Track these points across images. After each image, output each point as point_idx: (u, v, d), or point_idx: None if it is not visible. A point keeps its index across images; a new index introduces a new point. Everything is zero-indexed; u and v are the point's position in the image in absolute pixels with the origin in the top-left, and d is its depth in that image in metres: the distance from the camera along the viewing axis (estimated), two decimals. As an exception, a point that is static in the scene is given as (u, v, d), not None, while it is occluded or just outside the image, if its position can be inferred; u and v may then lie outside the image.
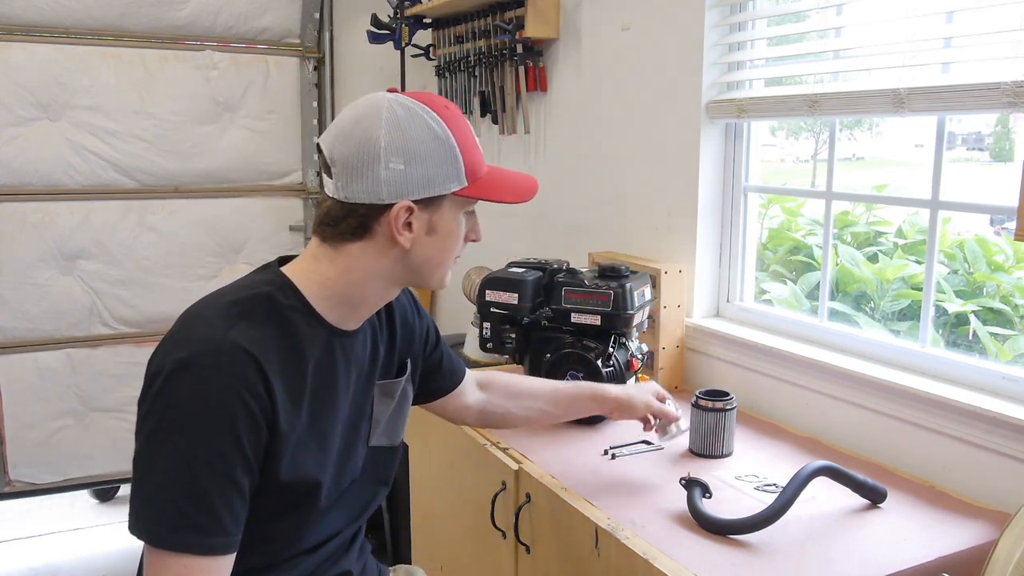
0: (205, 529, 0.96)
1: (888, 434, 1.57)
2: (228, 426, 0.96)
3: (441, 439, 1.85)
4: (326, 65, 3.38)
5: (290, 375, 1.03)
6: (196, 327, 1.01)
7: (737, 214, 1.98)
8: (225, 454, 0.96)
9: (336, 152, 1.04)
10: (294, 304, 1.06)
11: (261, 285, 1.07)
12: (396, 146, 1.03)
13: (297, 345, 1.05)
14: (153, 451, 0.97)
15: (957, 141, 2.22)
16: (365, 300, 1.11)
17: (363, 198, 1.04)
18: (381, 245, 1.07)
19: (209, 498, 0.95)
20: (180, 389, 0.96)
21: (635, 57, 2.15)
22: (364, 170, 1.03)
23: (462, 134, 1.08)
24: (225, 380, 0.96)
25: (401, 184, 1.03)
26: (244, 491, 0.99)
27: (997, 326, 2.00)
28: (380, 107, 1.04)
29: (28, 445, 3.11)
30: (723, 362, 1.93)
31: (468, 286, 2.62)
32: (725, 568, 1.18)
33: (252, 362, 0.98)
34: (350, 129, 1.04)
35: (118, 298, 3.16)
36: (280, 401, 1.01)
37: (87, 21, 2.99)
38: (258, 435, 0.99)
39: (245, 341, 0.98)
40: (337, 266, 1.08)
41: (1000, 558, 1.06)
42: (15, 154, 2.95)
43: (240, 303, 1.04)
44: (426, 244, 1.08)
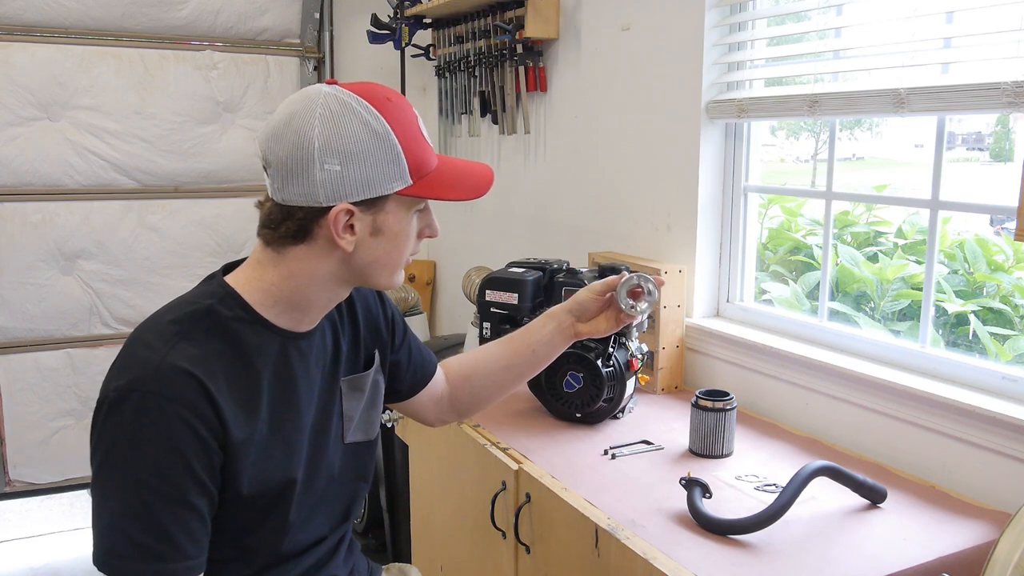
0: (165, 556, 0.94)
1: (888, 434, 1.57)
2: (175, 451, 0.93)
3: (441, 439, 1.85)
4: (326, 65, 3.38)
5: (240, 389, 1.00)
6: (136, 352, 0.98)
7: (737, 214, 1.98)
8: (175, 480, 0.94)
9: (270, 152, 0.99)
10: (239, 315, 1.03)
11: (203, 299, 1.03)
12: (331, 146, 0.96)
13: (246, 357, 1.02)
14: (103, 483, 0.95)
15: (957, 141, 2.22)
16: (312, 304, 1.07)
17: (300, 201, 0.98)
18: (323, 248, 1.01)
19: (164, 526, 0.93)
20: (124, 417, 0.93)
21: (635, 57, 2.15)
22: (299, 172, 0.97)
23: (405, 129, 1.01)
24: (168, 405, 0.93)
25: (338, 186, 0.97)
26: (202, 512, 0.97)
27: (997, 326, 2.00)
28: (315, 103, 0.98)
29: (28, 445, 3.11)
30: (723, 362, 1.93)
31: (468, 286, 2.62)
32: (725, 568, 1.18)
33: (194, 383, 0.95)
34: (283, 128, 0.98)
35: (118, 298, 3.16)
36: (230, 418, 0.98)
37: (87, 21, 3.00)
38: (209, 456, 0.96)
39: (186, 362, 0.95)
40: (280, 271, 1.03)
41: (1000, 558, 1.06)
42: (15, 154, 2.95)
43: (180, 321, 1.00)
44: (372, 246, 1.02)
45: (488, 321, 1.85)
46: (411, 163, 1.01)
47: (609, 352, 1.70)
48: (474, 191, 1.08)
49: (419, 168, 1.02)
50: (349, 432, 1.18)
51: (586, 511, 1.35)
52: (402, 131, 1.00)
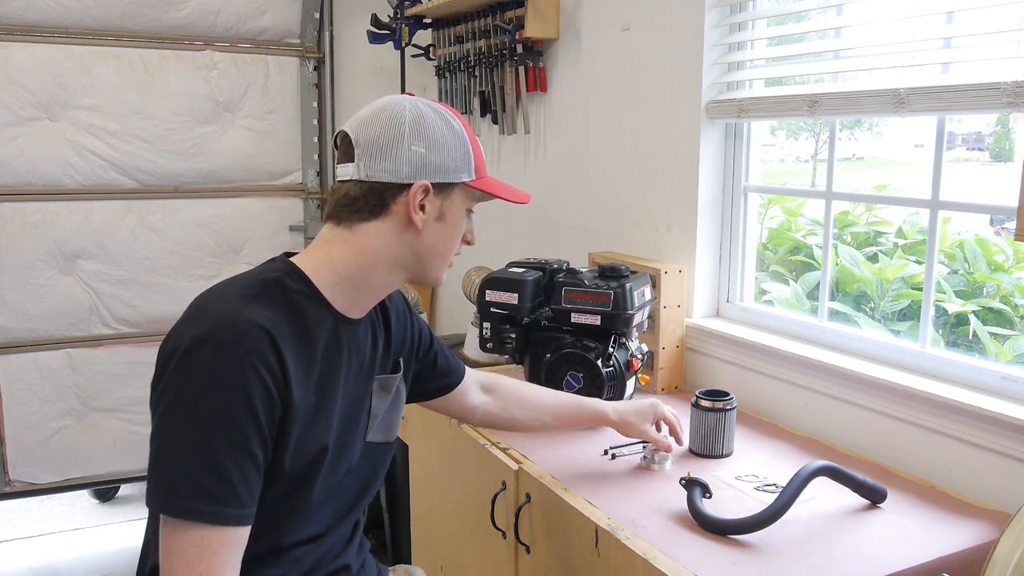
0: (222, 499, 0.97)
1: (888, 434, 1.57)
2: (244, 397, 0.98)
3: (441, 439, 1.85)
4: (326, 65, 3.38)
5: (301, 356, 1.06)
6: (212, 307, 1.04)
7: (737, 214, 1.98)
8: (241, 425, 0.98)
9: (361, 134, 1.10)
10: (302, 289, 1.10)
11: (270, 271, 1.11)
12: (419, 131, 1.10)
13: (307, 328, 1.08)
14: (170, 424, 0.99)
15: (957, 141, 2.22)
16: (371, 285, 1.15)
17: (385, 176, 1.09)
18: (395, 225, 1.11)
19: (226, 469, 0.97)
20: (198, 363, 0.98)
21: (635, 57, 2.15)
22: (389, 149, 1.09)
23: (473, 136, 1.17)
24: (241, 353, 0.99)
25: (421, 166, 1.10)
26: (259, 463, 1.01)
27: (997, 326, 2.00)
28: (404, 101, 1.13)
29: (28, 445, 3.11)
30: (723, 362, 1.93)
31: (468, 286, 2.62)
32: (725, 568, 1.18)
33: (267, 337, 1.01)
34: (375, 116, 1.11)
35: (118, 298, 3.16)
36: (293, 378, 1.03)
37: (87, 21, 2.99)
38: (272, 408, 1.01)
39: (260, 319, 1.02)
40: (350, 247, 1.12)
41: (1000, 558, 1.06)
42: (15, 154, 2.95)
43: (252, 287, 1.07)
44: (435, 230, 1.13)
45: (488, 321, 1.85)
46: (477, 162, 1.16)
47: (609, 352, 1.70)
48: (520, 197, 1.24)
49: (480, 169, 1.17)
50: (372, 431, 1.23)
51: (586, 511, 1.35)
52: (471, 137, 1.16)
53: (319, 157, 3.38)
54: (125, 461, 3.20)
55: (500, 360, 2.17)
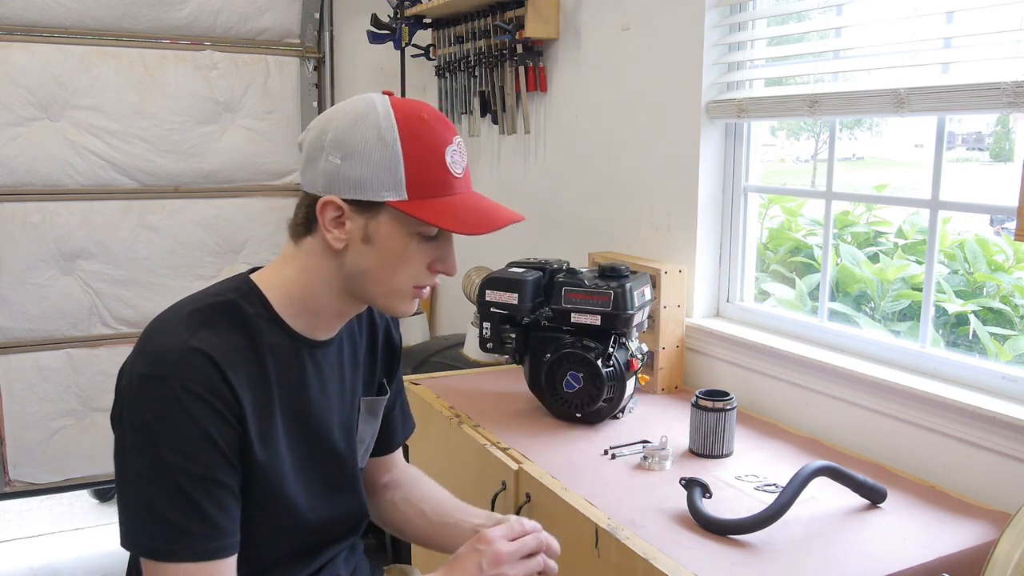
0: (202, 535, 0.96)
1: (888, 434, 1.57)
2: (202, 432, 0.96)
3: (441, 439, 1.85)
4: (326, 65, 3.37)
5: (256, 382, 1.02)
6: (157, 338, 1.00)
7: (737, 214, 1.98)
8: (205, 460, 0.96)
9: (304, 139, 1.06)
10: (259, 312, 1.05)
11: (226, 292, 1.06)
12: (339, 140, 1.00)
13: (258, 351, 1.03)
14: (133, 467, 0.97)
15: (957, 141, 2.22)
16: (320, 309, 1.08)
17: (307, 187, 1.04)
18: (323, 242, 1.04)
19: (199, 504, 0.95)
20: (147, 402, 0.95)
21: (635, 57, 2.15)
22: (312, 159, 1.02)
23: (421, 147, 1.00)
24: (190, 387, 0.95)
25: (333, 179, 1.00)
26: (233, 489, 0.99)
27: (997, 326, 2.00)
28: (353, 103, 1.03)
29: (28, 445, 3.10)
30: (723, 362, 1.93)
31: (468, 286, 2.62)
32: (725, 568, 1.18)
33: (213, 366, 0.97)
34: (319, 118, 1.06)
35: (118, 298, 3.16)
36: (247, 404, 1.00)
37: (87, 21, 2.99)
38: (231, 434, 0.99)
39: (206, 347, 0.98)
40: (295, 266, 1.07)
41: (1000, 558, 1.06)
42: (15, 154, 2.95)
43: (202, 311, 1.02)
44: (362, 253, 1.03)
45: (488, 321, 1.85)
46: (411, 180, 1.00)
47: (609, 352, 1.70)
48: (477, 227, 1.03)
49: (422, 188, 1.00)
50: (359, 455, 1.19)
51: (586, 511, 1.35)
52: (414, 147, 1.00)
53: (319, 157, 3.38)
54: (125, 461, 3.20)
55: (500, 360, 2.18)
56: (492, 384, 2.02)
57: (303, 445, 1.09)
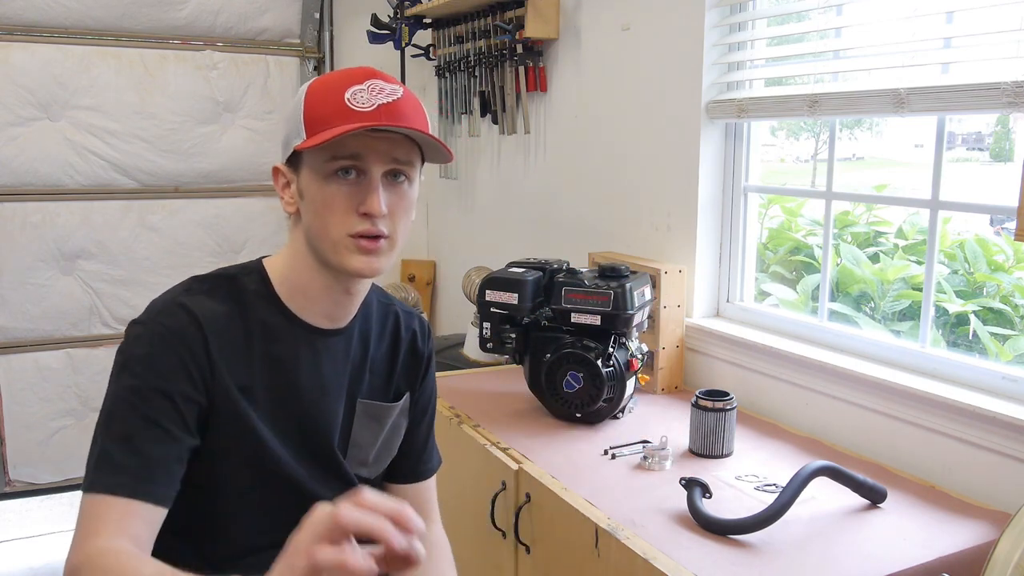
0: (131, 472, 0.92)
1: (888, 434, 1.57)
2: (158, 374, 0.97)
3: (441, 439, 1.84)
4: (326, 65, 3.38)
5: (238, 353, 1.03)
6: (159, 298, 1.05)
7: (737, 214, 1.98)
8: (153, 401, 0.96)
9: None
10: (257, 288, 1.07)
11: (233, 269, 1.10)
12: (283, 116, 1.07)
13: (248, 325, 1.05)
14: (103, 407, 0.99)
15: (957, 141, 2.22)
16: (306, 284, 1.07)
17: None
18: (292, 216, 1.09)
19: (136, 442, 0.94)
20: (125, 344, 1.00)
21: (635, 57, 2.15)
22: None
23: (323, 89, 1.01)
24: (166, 334, 0.98)
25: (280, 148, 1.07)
26: (177, 441, 0.96)
27: (997, 326, 2.00)
28: None
29: (28, 445, 3.11)
30: (723, 362, 1.93)
31: (468, 286, 2.62)
32: (725, 568, 1.18)
33: (193, 322, 1.00)
34: None
35: (118, 298, 3.16)
36: (224, 370, 1.01)
37: (87, 21, 3.00)
38: (193, 391, 0.98)
39: (193, 306, 1.01)
40: (287, 247, 1.10)
41: (1000, 558, 1.06)
42: (15, 154, 2.95)
43: (203, 280, 1.07)
44: (305, 211, 1.04)
45: (488, 321, 1.85)
46: (308, 119, 1.00)
47: (609, 352, 1.70)
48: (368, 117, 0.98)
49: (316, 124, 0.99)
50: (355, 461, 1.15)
51: (586, 511, 1.35)
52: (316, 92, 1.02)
53: (319, 157, 3.39)
54: (125, 461, 3.20)
55: (500, 360, 2.18)
56: (492, 384, 2.02)
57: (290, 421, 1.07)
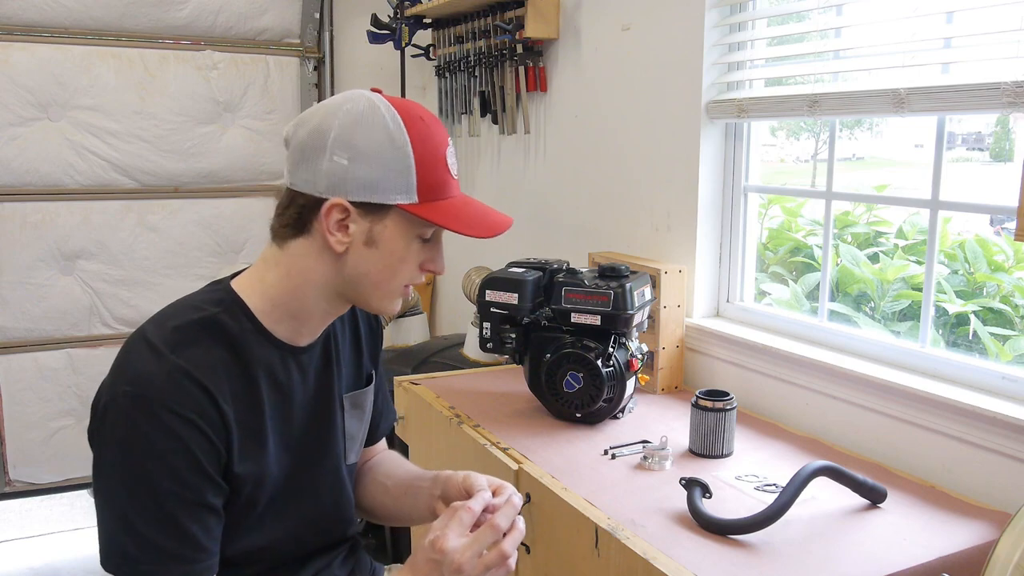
0: (187, 557, 0.95)
1: (888, 434, 1.57)
2: (189, 455, 0.94)
3: (441, 439, 1.85)
4: (326, 65, 3.38)
5: (241, 398, 1.01)
6: (141, 356, 0.97)
7: (737, 214, 1.98)
8: (192, 483, 0.95)
9: (292, 134, 1.01)
10: (243, 324, 1.02)
11: (208, 306, 1.02)
12: (345, 139, 0.97)
13: (248, 367, 1.01)
14: (119, 488, 0.94)
15: (957, 141, 2.22)
16: (308, 312, 1.05)
17: (303, 187, 0.99)
18: (319, 245, 1.01)
19: (185, 527, 0.94)
20: (134, 425, 0.93)
21: (635, 57, 2.15)
22: (309, 157, 0.98)
23: (427, 149, 1.00)
24: (177, 409, 0.94)
25: (340, 180, 0.97)
26: (218, 510, 0.99)
27: (997, 326, 2.00)
28: (347, 100, 1.00)
29: (28, 445, 3.11)
30: (723, 362, 1.93)
31: (468, 286, 2.62)
32: (725, 568, 1.18)
33: (199, 387, 0.95)
34: (311, 115, 1.01)
35: (118, 298, 3.16)
36: (232, 421, 0.99)
37: (87, 21, 2.99)
38: (217, 457, 0.97)
39: (191, 367, 0.96)
40: (280, 270, 1.03)
41: (1000, 558, 1.06)
42: (15, 154, 2.95)
43: (184, 329, 0.99)
44: (364, 256, 1.01)
45: (488, 321, 1.85)
46: (421, 183, 0.99)
47: (609, 352, 1.70)
48: (481, 230, 1.04)
49: (430, 190, 1.00)
50: (352, 452, 1.17)
51: (586, 511, 1.35)
52: (423, 150, 0.99)
53: (319, 157, 3.39)
54: (125, 461, 3.20)
55: (500, 360, 2.17)
56: (492, 384, 2.02)
57: (290, 452, 1.08)
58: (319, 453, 1.13)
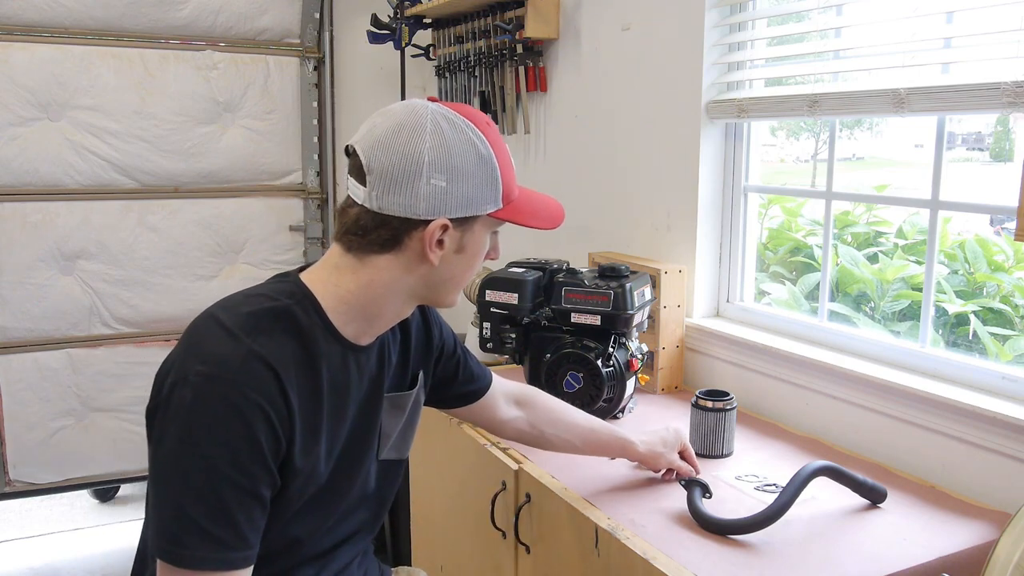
0: (229, 544, 0.94)
1: (888, 434, 1.57)
2: (252, 442, 0.95)
3: (441, 439, 1.85)
4: (326, 65, 3.37)
5: (307, 389, 1.02)
6: (216, 339, 0.98)
7: (737, 214, 1.98)
8: (250, 471, 0.95)
9: (375, 161, 1.00)
10: (314, 320, 1.04)
11: (282, 297, 1.04)
12: (440, 162, 1.00)
13: (314, 361, 1.03)
14: (176, 468, 0.95)
15: (957, 141, 2.22)
16: (382, 316, 1.09)
17: (399, 211, 1.00)
18: (409, 260, 1.04)
19: (233, 514, 0.94)
20: (203, 404, 0.94)
21: (635, 57, 2.15)
22: (404, 183, 0.99)
23: (502, 154, 1.07)
24: (249, 395, 0.95)
25: (441, 201, 1.01)
26: (266, 503, 0.99)
27: (997, 326, 2.00)
28: (423, 118, 1.01)
29: (28, 445, 3.10)
30: (723, 362, 1.93)
31: (468, 286, 2.62)
32: (725, 568, 1.18)
33: (273, 376, 0.97)
34: (391, 138, 1.00)
35: (118, 298, 3.16)
36: (298, 414, 1.00)
37: (87, 21, 2.99)
38: (278, 449, 0.98)
39: (266, 353, 0.97)
40: (360, 279, 1.05)
41: (1000, 558, 1.06)
42: (15, 154, 2.95)
43: (258, 316, 1.01)
44: (453, 262, 1.06)
45: (488, 321, 1.85)
46: (505, 187, 1.06)
47: (609, 352, 1.70)
48: (550, 221, 1.15)
49: (508, 193, 1.07)
50: (384, 449, 1.19)
51: (586, 511, 1.35)
52: (502, 158, 1.07)
53: (319, 157, 3.38)
54: (125, 461, 3.20)
55: (500, 360, 2.17)
56: (492, 384, 2.01)
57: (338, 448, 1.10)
58: (361, 450, 1.15)
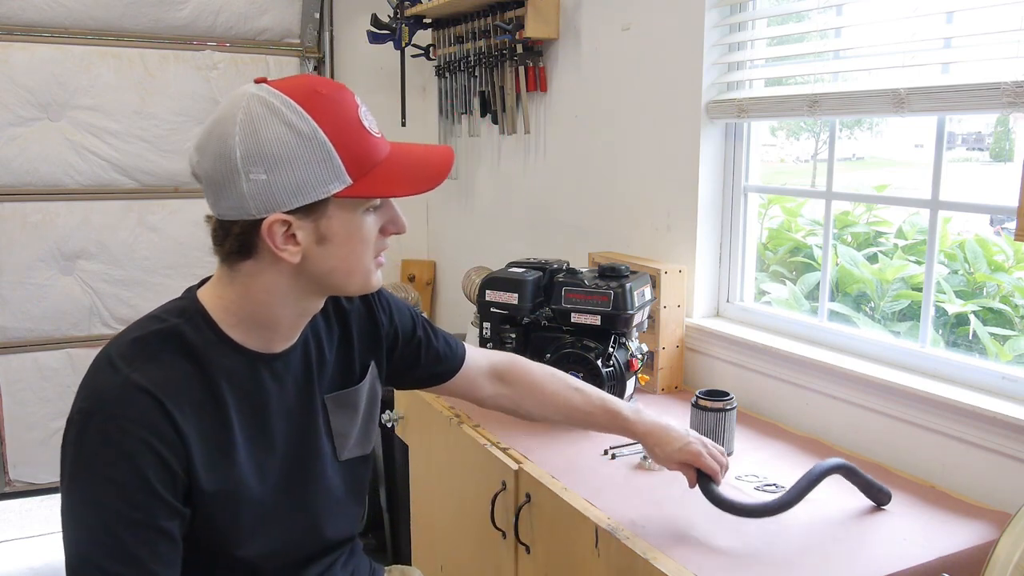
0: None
1: (888, 434, 1.57)
2: (139, 476, 0.90)
3: (441, 439, 1.85)
4: (326, 65, 3.38)
5: (206, 412, 0.97)
6: (98, 372, 0.95)
7: (737, 214, 1.98)
8: (142, 504, 0.90)
9: (199, 168, 0.95)
10: (207, 336, 0.99)
11: (171, 317, 0.99)
12: (253, 153, 0.90)
13: (211, 378, 0.98)
14: (70, 509, 0.92)
15: (957, 141, 2.22)
16: (278, 322, 1.02)
17: (233, 215, 0.94)
18: (270, 262, 0.96)
19: (134, 553, 0.90)
20: (85, 442, 0.90)
21: (635, 57, 2.15)
22: (226, 185, 0.92)
23: (338, 123, 0.93)
24: (128, 426, 0.90)
25: (267, 196, 0.91)
26: (172, 534, 0.94)
27: (997, 326, 2.00)
28: (237, 107, 0.93)
29: (28, 445, 3.11)
30: (723, 362, 1.93)
31: (468, 286, 2.62)
32: (725, 568, 1.18)
33: (155, 403, 0.92)
34: (206, 140, 0.94)
35: (118, 298, 3.16)
36: (194, 438, 0.95)
37: (87, 21, 3.00)
38: (172, 476, 0.93)
39: (146, 382, 0.92)
40: (236, 289, 0.99)
41: (1000, 558, 1.06)
42: (15, 154, 2.95)
43: (145, 340, 0.96)
44: (322, 255, 0.96)
45: (488, 321, 1.85)
46: (348, 160, 0.93)
47: (609, 352, 1.70)
48: (426, 182, 0.99)
49: (360, 163, 0.94)
50: (345, 449, 1.15)
51: (586, 511, 1.35)
52: (334, 127, 0.93)
53: (319, 157, 3.38)
54: (125, 461, 3.20)
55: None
56: (492, 384, 2.01)
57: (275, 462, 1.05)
58: (307, 458, 1.10)
